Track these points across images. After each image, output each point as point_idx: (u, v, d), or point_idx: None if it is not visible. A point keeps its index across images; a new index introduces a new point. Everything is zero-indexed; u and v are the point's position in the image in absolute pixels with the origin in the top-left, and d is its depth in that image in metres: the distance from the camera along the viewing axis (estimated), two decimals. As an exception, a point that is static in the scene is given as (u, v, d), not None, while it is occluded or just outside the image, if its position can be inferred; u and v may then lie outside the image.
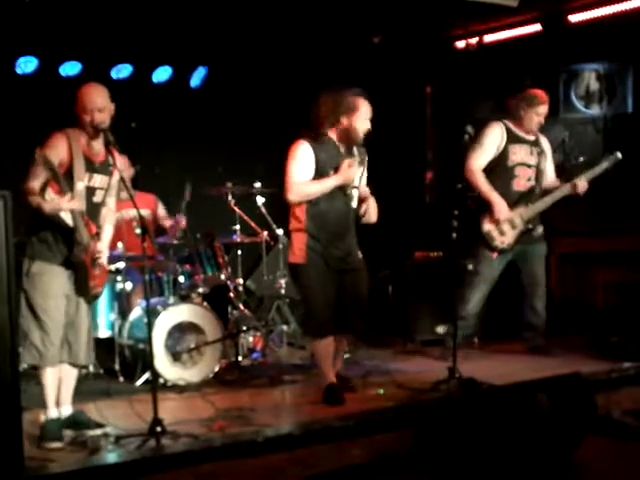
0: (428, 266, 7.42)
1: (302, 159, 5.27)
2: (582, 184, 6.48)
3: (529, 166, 6.52)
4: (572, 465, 4.23)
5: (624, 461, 4.43)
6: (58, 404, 4.73)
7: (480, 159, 6.44)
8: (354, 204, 5.40)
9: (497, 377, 5.55)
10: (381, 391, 5.59)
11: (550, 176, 6.67)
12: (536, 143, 6.58)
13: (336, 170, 5.27)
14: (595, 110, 7.87)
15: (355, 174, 5.29)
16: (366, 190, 5.50)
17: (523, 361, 6.48)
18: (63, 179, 4.47)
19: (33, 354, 4.61)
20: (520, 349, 6.79)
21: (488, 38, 8.11)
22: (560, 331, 7.07)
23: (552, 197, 6.54)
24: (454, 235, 5.84)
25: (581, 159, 6.67)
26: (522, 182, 6.51)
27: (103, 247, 4.78)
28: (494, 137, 6.46)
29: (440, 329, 6.76)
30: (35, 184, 4.47)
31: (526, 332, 6.76)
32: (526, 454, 4.12)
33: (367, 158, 5.51)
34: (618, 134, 7.77)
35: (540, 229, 6.61)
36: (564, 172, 6.70)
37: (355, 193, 5.39)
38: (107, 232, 4.89)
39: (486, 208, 6.40)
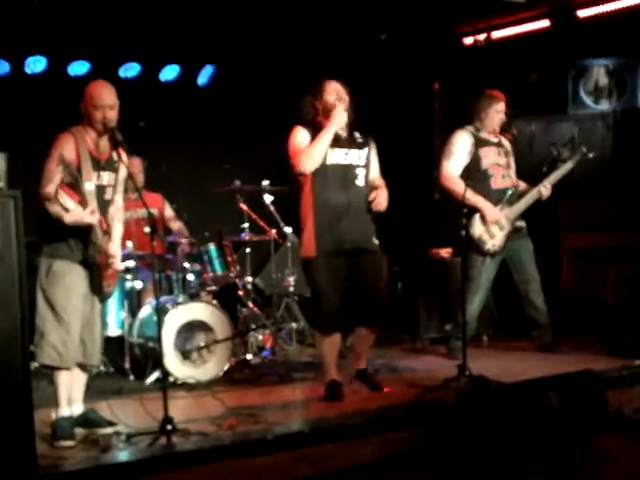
0: (438, 263, 7.43)
1: (300, 139, 5.37)
2: (545, 190, 6.55)
3: (500, 165, 6.56)
4: (585, 462, 4.21)
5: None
6: (70, 403, 4.72)
7: (454, 167, 6.44)
8: (360, 183, 5.40)
9: (507, 375, 5.54)
10: (389, 389, 5.57)
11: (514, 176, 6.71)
12: (500, 144, 6.63)
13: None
14: (604, 106, 7.85)
15: (342, 114, 5.29)
16: (377, 178, 5.53)
17: (532, 359, 6.46)
18: (80, 180, 4.48)
19: (52, 355, 4.56)
20: (529, 347, 6.78)
21: (496, 34, 8.11)
22: (570, 328, 7.06)
23: (526, 202, 6.57)
24: (463, 232, 5.85)
25: (591, 155, 6.63)
26: (498, 180, 6.53)
27: (116, 248, 4.77)
28: (463, 143, 6.47)
29: (449, 327, 6.75)
30: (51, 189, 4.44)
31: (533, 331, 6.76)
32: (537, 452, 4.10)
33: (373, 144, 5.53)
34: (628, 129, 7.74)
35: (524, 225, 6.62)
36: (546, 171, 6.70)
37: (361, 172, 5.41)
38: (117, 231, 4.87)
39: (470, 214, 6.32)
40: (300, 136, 5.36)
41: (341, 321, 5.39)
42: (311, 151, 5.27)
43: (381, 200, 5.39)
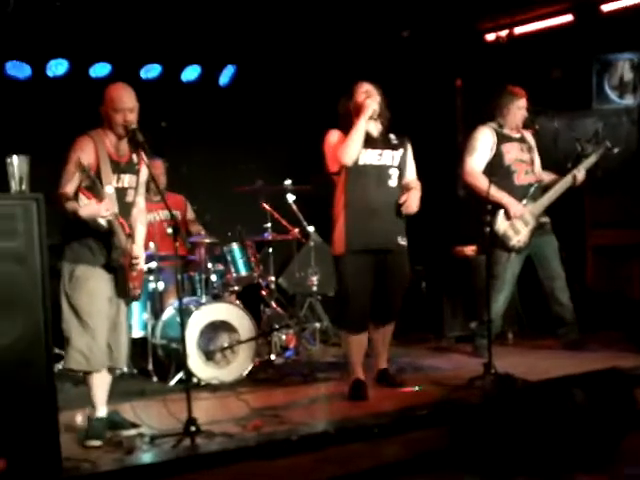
0: (462, 261, 7.39)
1: (334, 139, 5.41)
2: (581, 175, 6.52)
3: (523, 161, 6.52)
4: (614, 462, 4.16)
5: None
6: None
7: (478, 162, 6.41)
8: (393, 184, 5.43)
9: (532, 373, 5.46)
10: (416, 388, 5.55)
11: (538, 170, 6.65)
12: (523, 140, 6.60)
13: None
14: (629, 100, 7.73)
15: (372, 106, 5.34)
16: (413, 180, 5.56)
17: (559, 357, 6.41)
18: (98, 183, 4.47)
19: (79, 360, 4.56)
20: (555, 345, 6.73)
21: (519, 30, 8.05)
22: (596, 325, 7.01)
23: (555, 191, 6.53)
24: (487, 230, 5.81)
25: (616, 150, 6.57)
26: (522, 176, 6.49)
27: (139, 250, 4.76)
28: (485, 139, 6.44)
29: (474, 325, 6.72)
30: (69, 189, 4.45)
31: (560, 328, 6.70)
32: (564, 452, 4.06)
33: (409, 145, 5.58)
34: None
35: (548, 221, 6.58)
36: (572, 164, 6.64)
37: (394, 173, 5.44)
38: (140, 233, 4.86)
39: (494, 210, 6.30)
40: (334, 137, 5.41)
41: (367, 320, 5.44)
42: (347, 143, 5.30)
43: (411, 203, 5.41)
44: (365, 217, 5.35)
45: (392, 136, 5.50)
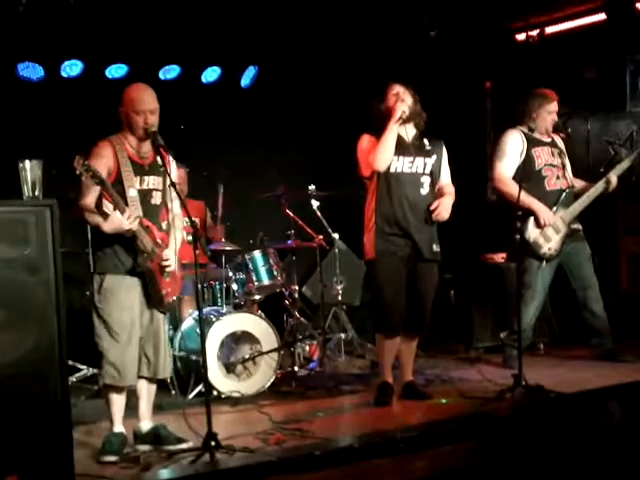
0: (492, 269, 7.27)
1: (366, 144, 5.43)
2: (613, 180, 6.40)
3: (554, 166, 6.41)
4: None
5: None
6: (140, 418, 4.71)
7: (508, 168, 6.32)
8: (424, 191, 5.43)
9: (565, 385, 5.40)
10: (444, 400, 5.47)
11: (570, 175, 6.53)
12: (554, 144, 6.49)
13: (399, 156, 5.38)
14: (665, 102, 7.61)
15: (402, 108, 5.34)
16: (447, 185, 5.58)
17: (592, 368, 6.30)
18: (112, 186, 4.40)
19: (112, 373, 4.52)
20: (589, 355, 6.64)
21: (550, 29, 7.97)
22: (631, 335, 6.90)
23: (588, 196, 6.42)
24: (517, 237, 5.71)
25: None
26: (553, 181, 6.38)
27: (170, 254, 4.68)
28: (515, 143, 6.34)
29: (504, 335, 6.58)
30: (89, 200, 4.44)
31: (593, 338, 6.58)
32: (597, 467, 3.91)
33: (444, 150, 5.58)
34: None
35: (580, 228, 6.47)
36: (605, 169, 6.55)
37: (426, 180, 5.43)
38: (176, 238, 4.80)
39: (525, 217, 6.19)
40: (366, 141, 5.43)
41: (402, 323, 5.43)
42: (379, 149, 5.31)
43: (442, 209, 5.42)
44: (397, 225, 5.37)
45: (426, 141, 5.50)
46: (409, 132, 5.45)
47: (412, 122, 5.44)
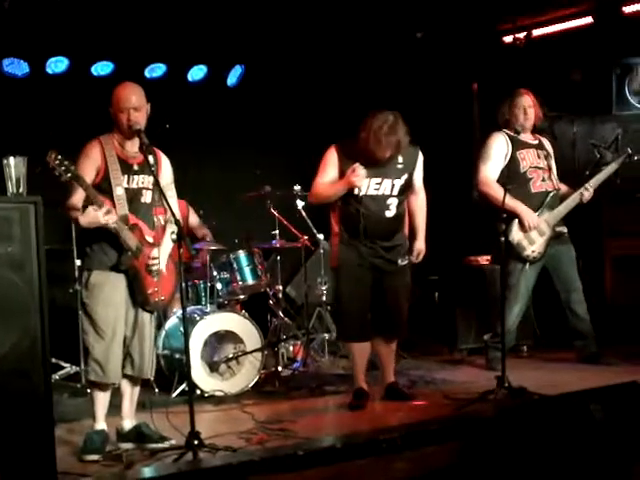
0: (476, 271, 7.29)
1: (326, 162, 5.37)
2: (587, 193, 6.39)
3: (540, 168, 6.39)
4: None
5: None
6: (123, 416, 4.72)
7: (492, 171, 6.31)
8: (390, 213, 5.35)
9: (548, 387, 5.40)
10: (427, 402, 5.47)
11: (556, 178, 6.54)
12: (541, 146, 6.48)
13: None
14: (651, 106, 7.63)
15: (360, 181, 5.19)
16: (419, 190, 5.52)
17: (576, 370, 6.31)
18: (99, 185, 4.46)
19: (96, 370, 4.54)
20: (572, 358, 6.63)
21: (537, 32, 7.95)
22: (615, 339, 6.90)
23: (567, 206, 6.40)
24: (501, 239, 5.69)
25: (636, 158, 6.43)
26: (538, 183, 6.36)
27: (159, 253, 4.67)
28: (500, 146, 6.32)
29: (487, 337, 6.59)
30: (75, 199, 4.45)
31: (576, 341, 6.58)
32: (580, 468, 3.92)
33: (420, 157, 5.46)
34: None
35: (565, 231, 6.45)
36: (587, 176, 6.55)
37: (393, 202, 5.34)
38: (167, 238, 4.77)
39: (509, 220, 6.18)
40: (329, 158, 5.34)
41: (367, 329, 5.43)
42: (320, 194, 5.35)
43: (420, 254, 5.50)
44: (358, 242, 5.33)
45: (400, 159, 5.34)
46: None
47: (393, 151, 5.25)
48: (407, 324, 5.59)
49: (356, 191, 5.25)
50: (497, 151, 6.32)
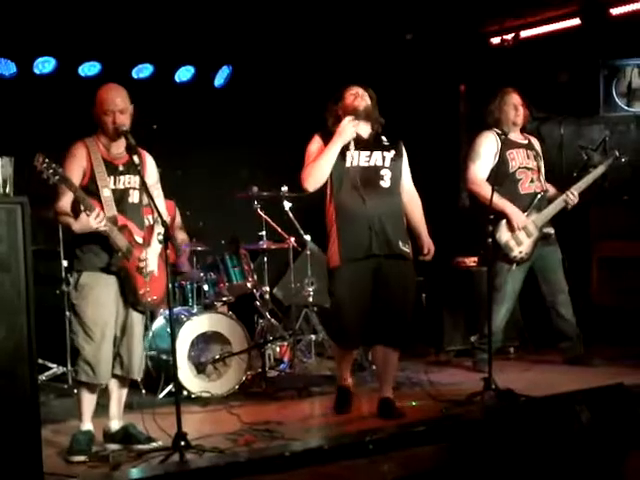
0: (463, 273, 7.31)
1: (312, 149, 5.27)
2: (571, 198, 6.38)
3: (529, 169, 6.40)
4: (619, 480, 4.04)
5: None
6: (110, 417, 4.72)
7: (481, 170, 6.32)
8: (385, 184, 5.16)
9: (534, 389, 5.41)
10: (413, 403, 5.45)
11: (544, 180, 6.56)
12: (530, 146, 6.49)
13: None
14: (638, 108, 7.68)
15: (350, 126, 5.12)
16: (411, 191, 5.37)
17: (561, 372, 6.34)
18: (87, 186, 4.48)
19: (86, 370, 4.54)
20: (558, 360, 6.64)
21: (525, 33, 7.94)
22: (601, 340, 6.94)
23: (554, 207, 6.41)
24: (489, 240, 5.70)
25: (624, 159, 6.45)
26: (527, 184, 6.38)
27: (149, 254, 4.68)
28: (489, 145, 6.34)
29: (474, 338, 6.60)
30: (63, 203, 4.48)
31: (562, 342, 6.60)
32: (566, 469, 3.93)
33: (403, 150, 5.32)
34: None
35: (553, 232, 6.46)
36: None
37: (386, 173, 5.16)
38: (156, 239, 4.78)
39: (497, 220, 6.16)
40: (313, 145, 5.26)
41: (361, 337, 5.29)
42: (315, 165, 5.14)
43: (430, 250, 5.38)
44: (359, 223, 5.08)
45: (384, 138, 5.27)
46: (365, 130, 5.22)
47: (369, 122, 5.21)
48: (410, 330, 5.33)
49: (347, 163, 5.12)
50: (487, 150, 6.33)
